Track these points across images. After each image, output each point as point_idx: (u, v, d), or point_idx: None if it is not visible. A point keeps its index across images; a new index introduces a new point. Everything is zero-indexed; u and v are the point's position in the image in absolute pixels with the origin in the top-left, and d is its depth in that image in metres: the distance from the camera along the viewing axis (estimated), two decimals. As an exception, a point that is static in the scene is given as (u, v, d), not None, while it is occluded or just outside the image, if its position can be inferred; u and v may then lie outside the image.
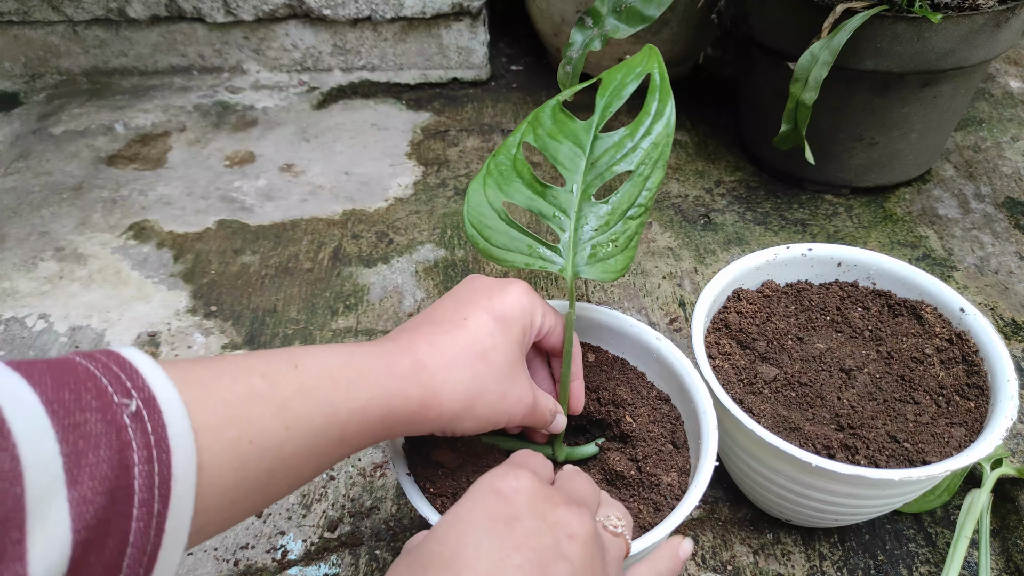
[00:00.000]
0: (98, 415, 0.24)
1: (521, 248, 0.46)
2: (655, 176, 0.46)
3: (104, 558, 0.23)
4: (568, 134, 0.48)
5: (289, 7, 1.12)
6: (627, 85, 0.48)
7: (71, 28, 1.16)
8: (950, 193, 0.93)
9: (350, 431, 0.34)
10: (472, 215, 0.47)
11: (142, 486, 0.24)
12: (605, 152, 0.47)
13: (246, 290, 0.82)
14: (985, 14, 0.74)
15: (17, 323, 0.78)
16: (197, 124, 1.11)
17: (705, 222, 0.89)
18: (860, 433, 0.49)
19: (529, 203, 0.47)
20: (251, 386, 0.31)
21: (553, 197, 0.47)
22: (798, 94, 0.74)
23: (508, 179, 0.48)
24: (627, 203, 0.46)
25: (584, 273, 0.46)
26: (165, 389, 0.27)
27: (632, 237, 0.45)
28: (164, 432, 0.26)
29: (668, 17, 1.04)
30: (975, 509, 0.53)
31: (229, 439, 0.29)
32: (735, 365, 0.54)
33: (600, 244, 0.46)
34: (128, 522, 0.24)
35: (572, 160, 0.48)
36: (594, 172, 0.47)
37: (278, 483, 0.32)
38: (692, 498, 0.43)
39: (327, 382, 0.33)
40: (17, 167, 1.02)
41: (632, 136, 0.47)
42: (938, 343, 0.55)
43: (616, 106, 0.48)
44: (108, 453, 0.24)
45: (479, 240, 0.47)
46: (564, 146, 0.48)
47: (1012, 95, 1.12)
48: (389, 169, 1.01)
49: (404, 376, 0.37)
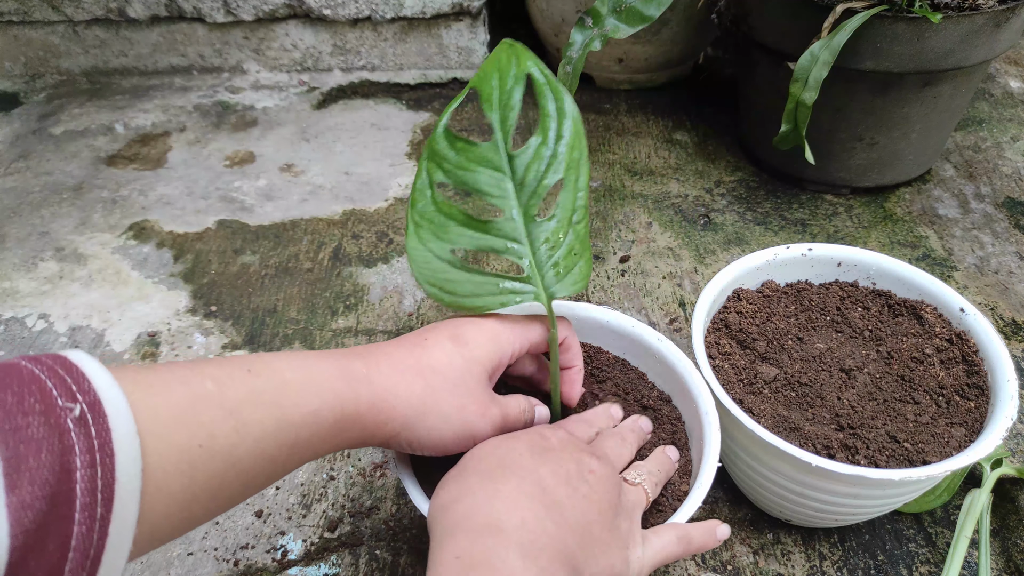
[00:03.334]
0: (41, 419, 0.24)
1: (490, 290, 0.44)
2: (583, 176, 0.44)
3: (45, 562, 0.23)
4: (479, 160, 0.45)
5: (289, 7, 1.12)
6: (513, 92, 0.46)
7: (71, 28, 1.16)
8: (950, 193, 0.93)
9: (303, 435, 0.34)
10: (424, 274, 0.44)
11: (84, 490, 0.24)
12: (528, 168, 0.45)
13: (246, 290, 0.82)
14: (985, 14, 0.74)
15: (17, 323, 0.78)
16: (197, 124, 1.11)
17: (705, 222, 0.89)
18: (860, 433, 0.49)
19: (476, 243, 0.45)
20: (201, 389, 0.30)
21: (498, 229, 0.45)
22: (798, 94, 0.74)
23: (442, 226, 0.45)
24: (569, 211, 0.45)
25: (558, 292, 0.44)
26: (111, 392, 0.27)
27: (584, 240, 0.44)
28: (108, 436, 0.25)
29: (668, 17, 1.04)
30: (975, 509, 0.53)
31: (177, 443, 0.28)
32: (735, 365, 0.54)
33: (560, 259, 0.45)
34: (70, 526, 0.24)
35: (497, 186, 0.45)
36: (526, 192, 0.45)
37: (230, 488, 0.32)
38: (694, 500, 0.43)
39: (278, 385, 0.33)
40: (17, 167, 1.02)
41: (546, 143, 0.45)
42: (938, 343, 0.55)
43: (513, 117, 0.45)
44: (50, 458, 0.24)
45: (444, 296, 0.44)
46: (482, 174, 0.45)
47: (1012, 95, 1.12)
48: (389, 169, 1.01)
49: (356, 379, 0.37)
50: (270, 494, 0.61)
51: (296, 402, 0.34)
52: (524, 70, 0.45)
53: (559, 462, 0.37)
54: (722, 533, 0.42)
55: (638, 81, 1.16)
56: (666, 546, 0.40)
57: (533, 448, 0.38)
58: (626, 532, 0.38)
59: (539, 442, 0.39)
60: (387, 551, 0.57)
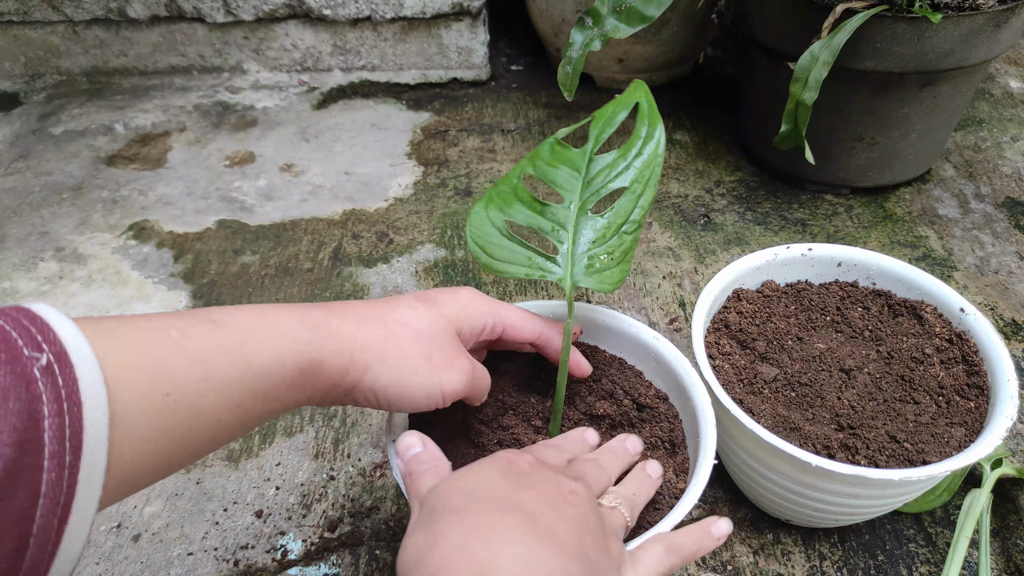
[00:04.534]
0: (7, 367, 0.24)
1: (522, 260, 0.48)
2: (647, 194, 0.48)
3: (15, 508, 0.24)
4: (565, 161, 0.51)
5: (289, 7, 1.12)
6: (618, 115, 0.52)
7: (71, 28, 1.16)
8: (950, 193, 0.93)
9: (268, 383, 0.34)
10: (475, 234, 0.49)
11: (52, 438, 0.25)
12: (600, 172, 0.50)
13: (246, 290, 0.82)
14: (985, 14, 0.74)
15: (17, 323, 0.78)
16: (197, 124, 1.11)
17: (705, 222, 0.89)
18: (860, 433, 0.49)
19: (529, 220, 0.50)
20: (166, 339, 0.31)
21: (552, 214, 0.50)
22: (798, 94, 0.74)
23: (508, 202, 0.51)
24: (622, 218, 0.48)
25: (582, 283, 0.47)
26: (76, 341, 0.27)
27: (627, 251, 0.48)
28: (75, 385, 0.26)
29: (668, 17, 1.04)
30: (975, 509, 0.53)
31: (143, 391, 0.29)
32: (735, 365, 0.54)
33: (596, 256, 0.48)
34: (39, 474, 0.24)
35: (569, 182, 0.51)
36: (590, 190, 0.50)
37: (198, 437, 0.32)
38: (691, 497, 0.43)
39: (242, 334, 0.33)
40: (17, 167, 1.02)
41: (625, 156, 0.50)
42: (938, 343, 0.55)
43: (608, 132, 0.51)
44: (17, 406, 0.24)
45: (481, 255, 0.48)
46: (562, 171, 0.51)
47: (1012, 95, 1.12)
48: (389, 169, 1.01)
49: (316, 326, 0.37)
50: (270, 494, 0.61)
51: (259, 349, 0.34)
52: (634, 99, 0.51)
53: (537, 486, 0.34)
54: (721, 530, 0.39)
55: (638, 81, 1.16)
56: (657, 562, 0.37)
57: (505, 473, 0.35)
58: (618, 555, 0.35)
59: (509, 468, 0.35)
60: (387, 551, 0.57)
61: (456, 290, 0.45)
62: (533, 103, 1.15)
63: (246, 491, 0.61)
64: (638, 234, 0.48)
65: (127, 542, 0.58)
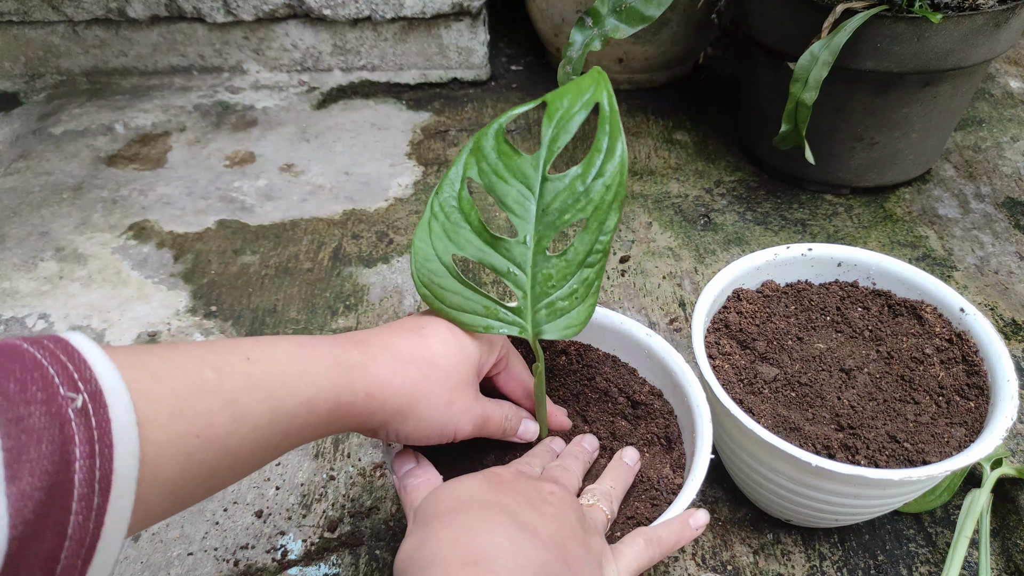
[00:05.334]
0: (43, 408, 0.24)
1: (478, 310, 0.44)
2: (611, 220, 0.43)
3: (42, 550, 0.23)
4: (515, 172, 0.45)
5: (289, 7, 1.12)
6: (574, 116, 0.45)
7: (71, 28, 1.16)
8: (950, 193, 0.93)
9: (297, 423, 0.34)
10: (421, 271, 0.44)
11: (82, 480, 0.24)
12: (556, 197, 0.44)
13: (246, 290, 0.82)
14: (985, 14, 0.74)
15: (17, 323, 0.78)
16: (197, 124, 1.11)
17: (705, 222, 0.89)
18: (860, 433, 0.49)
19: (481, 256, 0.44)
20: (201, 378, 0.31)
21: (506, 250, 0.44)
22: (798, 94, 0.74)
23: (455, 224, 0.44)
24: (583, 252, 0.43)
25: (546, 333, 0.44)
26: (112, 380, 0.27)
27: (592, 284, 0.43)
28: (108, 427, 0.26)
29: (668, 17, 1.04)
30: (975, 509, 0.53)
31: (175, 432, 0.29)
32: (735, 365, 0.54)
33: (559, 299, 0.44)
34: (67, 516, 0.24)
35: (522, 205, 0.44)
36: (546, 221, 0.44)
37: (222, 475, 0.32)
38: (689, 492, 0.43)
39: (276, 374, 0.33)
40: (17, 167, 1.02)
41: (583, 178, 0.44)
42: (938, 343, 0.55)
43: (564, 140, 0.44)
44: (50, 448, 0.24)
45: (432, 299, 0.44)
46: (512, 188, 0.45)
47: (1012, 95, 1.12)
48: (389, 169, 1.01)
49: (351, 368, 0.37)
50: (270, 494, 0.61)
51: (292, 392, 0.34)
52: (595, 98, 0.44)
53: (518, 491, 0.37)
54: (699, 521, 0.41)
55: (638, 81, 1.16)
56: (638, 554, 0.39)
57: (489, 482, 0.38)
58: (599, 549, 0.38)
59: (493, 478, 0.39)
60: (387, 551, 0.57)
61: None
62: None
63: (246, 491, 0.61)
64: (604, 261, 0.43)
65: (127, 542, 0.58)
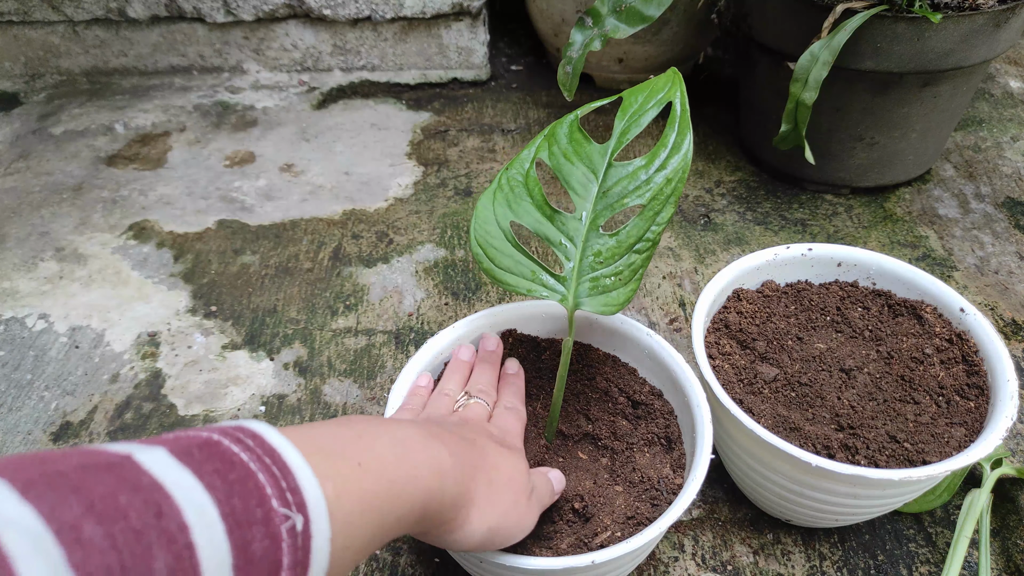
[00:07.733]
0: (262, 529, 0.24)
1: (525, 273, 0.46)
2: (666, 212, 0.45)
3: None
4: (583, 157, 0.48)
5: (289, 7, 1.12)
6: (647, 111, 0.47)
7: (71, 28, 1.16)
8: (950, 193, 0.93)
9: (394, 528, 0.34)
10: (479, 232, 0.47)
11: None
12: (618, 182, 0.47)
13: (246, 290, 0.82)
14: (985, 14, 0.74)
15: (17, 323, 0.78)
16: (197, 124, 1.11)
17: (705, 222, 0.89)
18: (860, 433, 0.49)
19: (537, 226, 0.47)
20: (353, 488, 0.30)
21: (561, 223, 0.47)
22: (798, 94, 0.74)
23: (518, 197, 0.48)
24: (635, 237, 0.45)
25: (585, 305, 0.46)
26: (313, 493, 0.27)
27: (637, 270, 0.45)
28: (309, 544, 0.26)
29: (668, 17, 1.04)
30: (975, 509, 0.53)
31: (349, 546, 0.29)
32: (735, 365, 0.54)
33: (603, 276, 0.46)
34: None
35: (584, 186, 0.47)
36: (604, 202, 0.46)
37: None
38: (690, 491, 0.43)
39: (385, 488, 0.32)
40: (17, 167, 1.02)
41: (647, 168, 0.46)
42: (938, 343, 0.55)
43: (634, 133, 0.47)
44: None
45: (484, 260, 0.47)
46: (578, 170, 0.47)
47: (1012, 95, 1.12)
48: (389, 169, 1.01)
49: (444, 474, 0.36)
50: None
51: (396, 502, 0.33)
52: (668, 97, 0.47)
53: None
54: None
55: (638, 81, 1.16)
56: None
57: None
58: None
59: None
60: (387, 551, 0.57)
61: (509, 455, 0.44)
62: (533, 103, 1.15)
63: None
64: (651, 252, 0.45)
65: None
